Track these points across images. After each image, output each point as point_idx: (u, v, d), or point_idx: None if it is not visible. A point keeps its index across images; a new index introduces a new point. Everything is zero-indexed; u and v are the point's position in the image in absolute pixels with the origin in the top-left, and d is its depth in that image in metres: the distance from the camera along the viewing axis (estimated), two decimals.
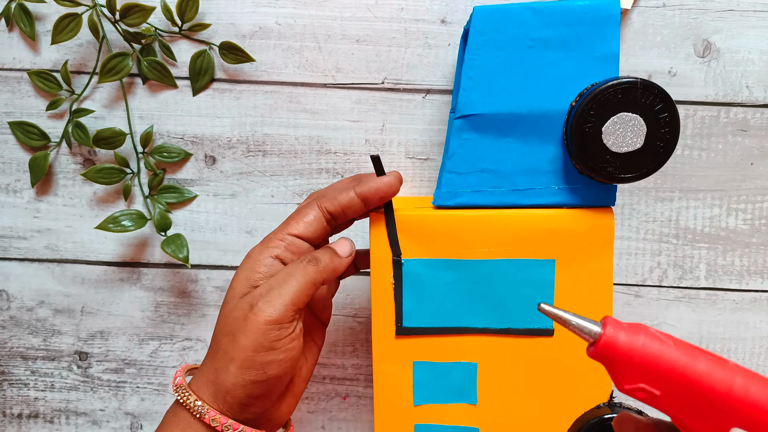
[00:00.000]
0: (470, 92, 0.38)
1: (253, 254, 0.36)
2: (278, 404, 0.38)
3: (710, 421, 0.25)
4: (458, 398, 0.40)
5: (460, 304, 0.39)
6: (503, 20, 0.37)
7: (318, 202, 0.37)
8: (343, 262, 0.37)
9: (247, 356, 0.34)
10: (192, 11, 0.45)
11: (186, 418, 0.34)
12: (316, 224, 0.37)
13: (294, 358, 0.35)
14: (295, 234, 0.37)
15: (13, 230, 0.50)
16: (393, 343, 0.39)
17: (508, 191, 0.38)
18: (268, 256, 0.36)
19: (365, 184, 0.37)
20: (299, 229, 0.37)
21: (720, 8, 0.46)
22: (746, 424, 0.24)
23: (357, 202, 0.37)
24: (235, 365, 0.34)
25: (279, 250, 0.36)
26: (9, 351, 0.51)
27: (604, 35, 0.37)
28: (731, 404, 0.24)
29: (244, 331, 0.34)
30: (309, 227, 0.37)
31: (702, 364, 0.25)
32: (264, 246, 0.37)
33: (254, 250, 0.37)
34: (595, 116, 0.35)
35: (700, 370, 0.25)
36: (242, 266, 0.37)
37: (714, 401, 0.25)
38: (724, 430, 0.25)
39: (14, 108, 0.48)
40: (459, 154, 0.38)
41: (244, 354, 0.34)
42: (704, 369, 0.25)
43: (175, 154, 0.48)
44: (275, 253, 0.36)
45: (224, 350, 0.35)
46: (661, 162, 0.36)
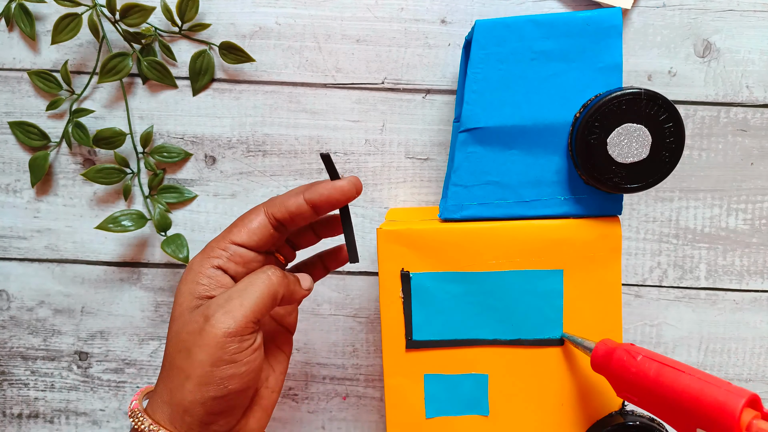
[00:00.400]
0: (474, 106, 0.38)
1: (194, 266, 0.34)
2: (245, 420, 0.36)
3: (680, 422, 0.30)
4: (470, 410, 0.40)
5: (470, 316, 0.39)
6: (505, 33, 0.37)
7: (264, 207, 0.35)
8: (302, 293, 0.36)
9: (205, 371, 0.32)
10: (192, 11, 0.45)
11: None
12: (261, 231, 0.35)
13: (256, 370, 0.33)
14: (238, 242, 0.34)
15: (13, 230, 0.50)
16: (404, 357, 0.39)
17: (515, 203, 0.39)
18: (209, 266, 0.34)
19: (314, 189, 0.35)
20: (242, 238, 0.34)
21: (720, 8, 0.46)
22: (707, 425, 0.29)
23: (306, 208, 0.35)
24: (192, 382, 0.32)
25: (221, 261, 0.34)
26: (9, 351, 0.51)
27: (606, 46, 0.37)
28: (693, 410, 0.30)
29: (200, 345, 0.32)
30: (253, 235, 0.35)
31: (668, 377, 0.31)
32: (205, 256, 0.34)
33: (195, 261, 0.34)
34: (599, 127, 0.35)
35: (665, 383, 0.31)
36: (184, 279, 0.34)
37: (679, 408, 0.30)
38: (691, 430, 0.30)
39: (14, 108, 0.48)
40: (464, 167, 0.39)
41: (202, 369, 0.32)
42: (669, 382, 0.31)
43: (175, 154, 0.48)
44: (217, 263, 0.34)
45: (178, 368, 0.32)
46: (667, 171, 0.36)
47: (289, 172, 0.48)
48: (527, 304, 0.38)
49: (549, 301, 0.38)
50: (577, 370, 0.39)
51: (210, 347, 0.32)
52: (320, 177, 0.48)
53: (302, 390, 0.51)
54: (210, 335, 0.32)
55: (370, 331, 0.50)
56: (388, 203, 0.48)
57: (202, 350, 0.32)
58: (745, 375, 0.49)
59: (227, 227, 0.36)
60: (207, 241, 0.49)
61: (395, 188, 0.48)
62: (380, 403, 0.51)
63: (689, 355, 0.49)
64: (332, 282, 0.49)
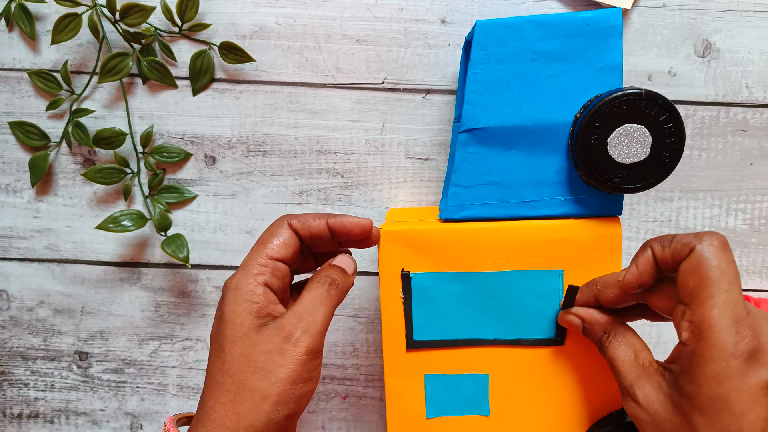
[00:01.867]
0: (474, 106, 0.38)
1: (241, 285, 0.34)
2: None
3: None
4: (471, 410, 0.40)
5: (470, 316, 0.39)
6: (505, 34, 0.37)
7: (288, 221, 0.36)
8: (352, 280, 0.37)
9: (285, 390, 0.32)
10: (192, 11, 0.45)
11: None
12: (292, 245, 0.36)
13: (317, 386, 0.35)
14: (276, 257, 0.35)
15: (13, 230, 0.50)
16: (404, 357, 0.39)
17: (515, 203, 0.39)
18: (258, 284, 0.34)
19: (338, 218, 0.36)
20: (280, 253, 0.35)
21: (720, 8, 0.46)
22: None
23: (326, 232, 0.36)
24: (271, 402, 0.32)
25: (266, 277, 0.35)
26: (9, 351, 0.51)
27: (606, 46, 0.37)
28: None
29: (281, 365, 0.32)
30: (288, 249, 0.36)
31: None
32: (249, 274, 0.35)
33: (240, 280, 0.34)
34: (600, 128, 0.35)
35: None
36: (233, 299, 0.34)
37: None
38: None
39: (14, 108, 0.48)
40: (464, 167, 0.39)
41: (282, 388, 0.32)
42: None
43: (175, 154, 0.48)
44: (263, 280, 0.35)
45: (252, 389, 0.32)
46: (667, 172, 0.36)
47: (289, 172, 0.48)
48: (528, 304, 0.38)
49: (549, 301, 0.38)
50: (577, 370, 0.39)
51: (292, 365, 0.32)
52: (320, 176, 0.48)
53: None
54: (292, 353, 0.33)
55: (370, 331, 0.50)
56: (388, 203, 0.48)
57: (284, 369, 0.32)
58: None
59: (257, 242, 0.36)
60: (207, 241, 0.49)
61: (395, 188, 0.48)
62: (380, 403, 0.51)
63: None
64: None
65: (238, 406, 0.33)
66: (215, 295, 0.50)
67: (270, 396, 0.32)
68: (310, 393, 0.34)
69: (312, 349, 0.33)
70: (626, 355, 0.33)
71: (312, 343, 0.33)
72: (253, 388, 0.32)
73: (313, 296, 0.35)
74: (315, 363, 0.34)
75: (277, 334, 0.33)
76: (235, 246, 0.49)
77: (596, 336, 0.35)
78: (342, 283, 0.36)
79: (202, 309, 0.50)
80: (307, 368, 0.33)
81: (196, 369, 0.51)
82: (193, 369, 0.51)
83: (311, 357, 0.33)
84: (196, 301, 0.50)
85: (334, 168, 0.48)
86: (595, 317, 0.35)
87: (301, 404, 0.33)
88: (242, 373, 0.33)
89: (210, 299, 0.50)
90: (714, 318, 0.29)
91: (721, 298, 0.29)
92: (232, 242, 0.49)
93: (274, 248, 0.35)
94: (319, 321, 0.34)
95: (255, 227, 0.49)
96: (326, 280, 0.35)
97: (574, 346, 0.38)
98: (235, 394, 0.33)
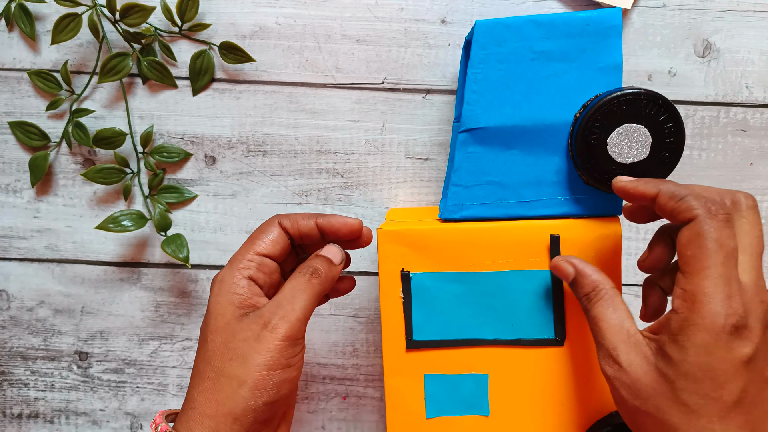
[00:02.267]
0: (474, 106, 0.38)
1: (226, 278, 0.35)
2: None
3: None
4: (470, 410, 0.40)
5: (470, 316, 0.39)
6: (505, 34, 0.37)
7: (278, 220, 0.37)
8: (338, 270, 0.37)
9: (262, 376, 0.33)
10: (192, 11, 0.45)
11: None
12: (281, 242, 0.37)
13: (299, 375, 0.35)
14: (263, 253, 0.36)
15: (13, 230, 0.50)
16: (404, 357, 0.39)
17: (515, 203, 0.39)
18: (242, 277, 0.35)
19: (327, 217, 0.37)
20: (267, 249, 0.36)
21: (720, 8, 0.46)
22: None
23: (315, 231, 0.37)
24: (248, 388, 0.33)
25: (251, 271, 0.36)
26: (9, 351, 0.51)
27: (606, 46, 0.37)
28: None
29: (258, 351, 0.33)
30: (276, 246, 0.37)
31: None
32: (234, 268, 0.36)
33: (225, 274, 0.36)
34: (599, 127, 0.35)
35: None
36: (217, 291, 0.35)
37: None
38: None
39: (14, 108, 0.48)
40: (464, 167, 0.39)
41: (259, 374, 0.33)
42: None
43: (175, 154, 0.48)
44: (247, 273, 0.35)
45: (231, 375, 0.33)
46: (667, 172, 0.36)
47: (289, 172, 0.48)
48: (528, 304, 0.38)
49: (549, 301, 0.38)
50: (577, 370, 0.39)
51: (269, 351, 0.33)
52: (320, 176, 0.48)
53: (302, 390, 0.51)
54: (269, 339, 0.33)
55: (370, 331, 0.50)
56: (388, 203, 0.48)
57: (261, 354, 0.33)
58: None
59: (247, 239, 0.37)
60: (207, 241, 0.49)
61: (395, 188, 0.48)
62: (380, 403, 0.51)
63: None
64: None
65: (217, 393, 0.33)
66: None
67: (247, 382, 0.33)
68: (291, 381, 0.34)
69: (289, 336, 0.33)
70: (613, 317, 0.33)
71: (290, 329, 0.33)
72: (231, 374, 0.33)
73: (294, 285, 0.35)
74: (294, 350, 0.34)
75: (255, 322, 0.34)
76: (235, 246, 0.49)
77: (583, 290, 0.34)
78: (325, 273, 0.36)
79: (202, 309, 0.50)
80: (284, 354, 0.33)
81: None
82: None
83: (289, 343, 0.33)
84: (196, 301, 0.50)
85: (334, 168, 0.48)
86: (588, 271, 0.35)
87: (280, 392, 0.33)
88: (222, 360, 0.34)
89: None
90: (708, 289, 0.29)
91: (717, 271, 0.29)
92: (232, 242, 0.49)
93: (261, 244, 0.36)
94: (298, 309, 0.34)
95: (255, 227, 0.49)
96: (308, 270, 0.36)
97: (573, 346, 0.38)
98: (215, 381, 0.34)
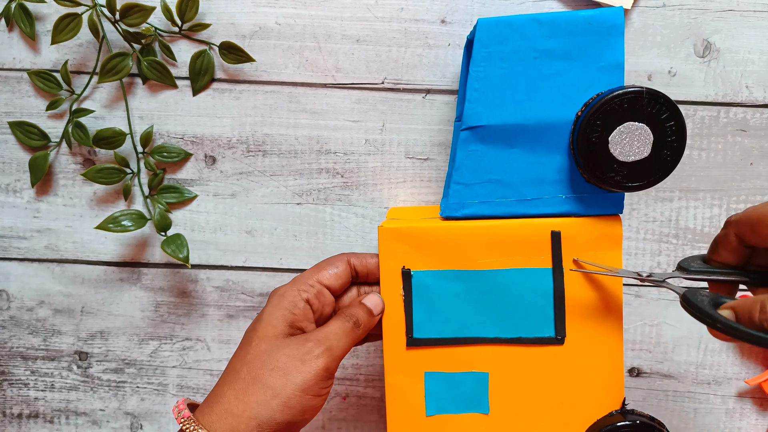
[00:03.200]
0: (476, 104, 0.38)
1: (287, 294, 0.38)
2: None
3: None
4: (470, 408, 0.40)
5: (470, 314, 0.39)
6: (507, 32, 0.37)
7: (347, 257, 0.40)
8: (374, 321, 0.39)
9: (295, 395, 0.34)
10: (192, 11, 0.45)
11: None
12: (343, 278, 0.39)
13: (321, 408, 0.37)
14: (325, 284, 0.39)
15: (13, 230, 0.50)
16: (404, 355, 0.39)
17: (516, 201, 0.39)
18: (300, 299, 0.38)
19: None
20: (330, 281, 0.39)
21: (720, 8, 0.46)
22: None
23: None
24: (279, 401, 0.34)
25: (310, 295, 0.38)
26: (9, 351, 0.51)
27: (608, 45, 0.37)
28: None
29: (300, 372, 0.35)
30: (338, 280, 0.39)
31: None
32: (297, 288, 0.38)
33: (286, 290, 0.38)
34: (601, 126, 0.35)
35: None
36: (277, 304, 0.38)
37: None
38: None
39: (14, 108, 0.48)
40: (466, 165, 0.38)
41: (293, 392, 0.34)
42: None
43: (175, 154, 0.48)
44: (306, 296, 0.38)
45: (266, 384, 0.35)
46: (669, 170, 0.36)
47: (289, 172, 0.48)
48: (528, 303, 0.38)
49: (550, 299, 0.38)
50: (577, 369, 0.39)
51: (309, 374, 0.35)
52: (320, 176, 0.48)
53: None
54: (312, 365, 0.35)
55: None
56: (388, 203, 0.48)
57: (301, 375, 0.35)
58: (744, 374, 0.49)
59: (314, 266, 0.40)
60: (207, 241, 0.49)
61: (395, 188, 0.48)
62: (380, 403, 0.51)
63: (689, 355, 0.49)
64: None
65: (248, 396, 0.35)
66: (215, 295, 0.50)
67: (280, 395, 0.34)
68: (315, 410, 0.36)
69: (328, 368, 0.36)
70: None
71: (330, 362, 0.36)
72: (267, 383, 0.35)
73: (339, 326, 0.37)
74: (327, 383, 0.36)
75: (303, 344, 0.36)
76: (235, 246, 0.49)
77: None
78: (365, 324, 0.38)
79: (202, 309, 0.50)
80: (319, 383, 0.35)
81: (196, 369, 0.51)
82: (192, 369, 0.51)
83: (326, 375, 0.35)
84: (196, 301, 0.50)
85: (334, 168, 0.48)
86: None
87: (304, 416, 0.35)
88: (261, 367, 0.35)
89: (210, 299, 0.50)
90: None
91: None
92: (232, 242, 0.49)
93: (325, 275, 0.39)
94: (340, 347, 0.36)
95: (255, 227, 0.49)
96: (353, 319, 0.38)
97: (573, 345, 0.38)
98: (249, 384, 0.35)
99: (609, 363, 0.38)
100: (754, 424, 0.50)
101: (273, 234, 0.49)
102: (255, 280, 0.49)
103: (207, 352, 0.50)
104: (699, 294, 0.32)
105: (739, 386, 0.49)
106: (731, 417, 0.50)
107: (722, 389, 0.49)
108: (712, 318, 0.30)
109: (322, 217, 0.49)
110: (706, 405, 0.50)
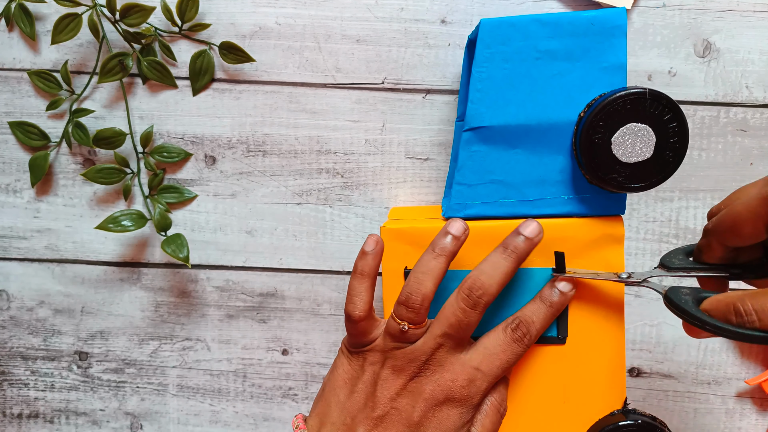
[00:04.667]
0: (478, 105, 0.38)
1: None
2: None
3: None
4: None
5: None
6: (510, 33, 0.37)
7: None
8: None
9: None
10: (192, 11, 0.45)
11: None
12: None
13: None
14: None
15: (13, 230, 0.50)
16: None
17: (518, 202, 0.39)
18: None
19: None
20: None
21: (720, 8, 0.46)
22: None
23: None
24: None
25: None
26: (9, 351, 0.51)
27: (611, 46, 0.37)
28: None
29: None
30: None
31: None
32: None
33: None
34: (603, 127, 0.35)
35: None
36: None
37: None
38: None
39: (14, 108, 0.48)
40: (468, 166, 0.38)
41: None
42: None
43: (175, 154, 0.48)
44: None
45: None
46: (671, 171, 0.36)
47: (289, 172, 0.48)
48: None
49: None
50: (579, 369, 0.39)
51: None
52: (320, 176, 0.48)
53: (302, 390, 0.51)
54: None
55: None
56: (388, 203, 0.48)
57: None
58: (744, 374, 0.49)
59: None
60: (207, 241, 0.49)
61: (395, 188, 0.48)
62: None
63: (689, 355, 0.49)
64: (332, 282, 0.49)
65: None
66: (215, 295, 0.50)
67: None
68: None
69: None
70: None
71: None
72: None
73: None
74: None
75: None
76: (235, 246, 0.49)
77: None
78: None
79: (202, 309, 0.50)
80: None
81: (196, 369, 0.51)
82: (192, 369, 0.51)
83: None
84: (196, 301, 0.50)
85: (334, 168, 0.48)
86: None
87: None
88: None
89: (210, 299, 0.50)
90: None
91: None
92: (232, 242, 0.49)
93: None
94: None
95: (255, 227, 0.49)
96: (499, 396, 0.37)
97: (575, 345, 0.38)
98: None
99: (611, 362, 0.38)
100: (754, 424, 0.50)
101: (273, 234, 0.49)
102: (255, 280, 0.49)
103: (207, 352, 0.50)
104: (681, 292, 0.32)
105: (739, 386, 0.49)
106: (731, 417, 0.50)
107: (722, 389, 0.49)
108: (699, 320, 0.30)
109: (322, 217, 0.49)
110: (706, 405, 0.50)
